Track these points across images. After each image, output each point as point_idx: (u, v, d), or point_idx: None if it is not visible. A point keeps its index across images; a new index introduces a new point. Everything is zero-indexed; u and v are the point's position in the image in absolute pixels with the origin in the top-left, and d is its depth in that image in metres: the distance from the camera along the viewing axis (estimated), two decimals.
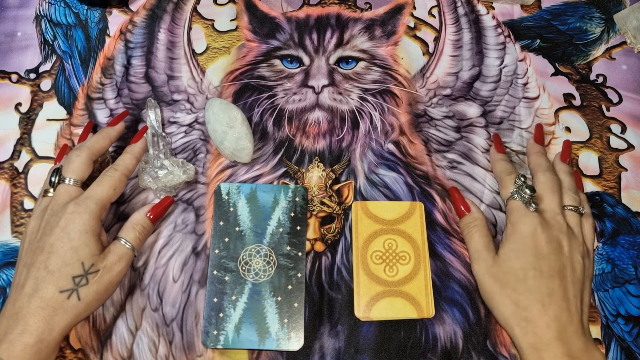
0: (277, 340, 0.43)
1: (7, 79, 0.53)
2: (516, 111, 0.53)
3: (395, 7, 0.58)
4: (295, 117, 0.52)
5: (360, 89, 0.53)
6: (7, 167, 0.49)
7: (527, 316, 0.39)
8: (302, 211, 0.47)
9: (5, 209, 0.48)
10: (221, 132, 0.46)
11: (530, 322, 0.39)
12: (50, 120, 0.51)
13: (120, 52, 0.55)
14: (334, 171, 0.49)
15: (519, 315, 0.39)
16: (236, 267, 0.45)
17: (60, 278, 0.37)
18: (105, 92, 0.53)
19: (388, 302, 0.44)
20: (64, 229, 0.38)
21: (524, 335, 0.39)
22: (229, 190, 0.48)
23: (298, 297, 0.44)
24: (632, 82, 0.54)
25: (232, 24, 0.56)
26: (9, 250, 0.46)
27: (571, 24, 0.57)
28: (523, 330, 0.39)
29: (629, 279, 0.46)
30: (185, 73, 0.54)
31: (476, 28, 0.57)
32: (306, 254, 0.46)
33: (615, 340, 0.44)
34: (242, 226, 0.46)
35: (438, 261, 0.46)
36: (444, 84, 0.54)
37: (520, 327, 0.39)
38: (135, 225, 0.41)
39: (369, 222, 0.47)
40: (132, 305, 0.44)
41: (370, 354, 0.43)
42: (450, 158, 0.50)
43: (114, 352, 0.43)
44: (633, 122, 0.53)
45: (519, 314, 0.39)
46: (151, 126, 0.49)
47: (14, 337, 0.35)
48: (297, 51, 0.54)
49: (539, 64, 0.55)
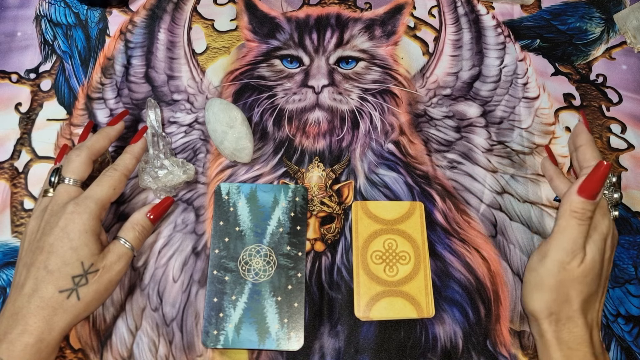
0: (277, 340, 0.43)
1: (7, 79, 0.53)
2: (516, 111, 0.53)
3: (395, 7, 0.58)
4: (295, 117, 0.52)
5: (360, 89, 0.53)
6: (7, 167, 0.49)
7: (571, 315, 0.38)
8: (302, 211, 0.47)
9: (5, 209, 0.48)
10: (221, 132, 0.46)
11: (571, 319, 0.38)
12: (50, 120, 0.51)
13: (120, 52, 0.55)
14: (334, 171, 0.49)
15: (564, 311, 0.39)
16: (236, 267, 0.45)
17: (60, 278, 0.37)
18: (105, 92, 0.53)
19: (388, 302, 0.44)
20: (63, 228, 0.38)
21: (559, 332, 0.38)
22: (229, 190, 0.48)
23: (298, 297, 0.44)
24: (632, 82, 0.54)
25: (232, 24, 0.56)
26: (9, 250, 0.46)
27: (571, 24, 0.57)
28: (561, 326, 0.39)
29: (629, 279, 0.46)
30: (185, 73, 0.54)
31: (476, 28, 0.57)
32: (306, 254, 0.46)
33: (615, 340, 0.44)
34: (242, 226, 0.46)
35: (438, 261, 0.46)
36: (444, 84, 0.54)
37: (560, 322, 0.39)
38: (135, 225, 0.41)
39: (369, 222, 0.47)
40: (132, 305, 0.44)
41: (370, 354, 0.43)
42: (450, 158, 0.50)
43: (114, 352, 0.43)
44: (633, 122, 0.53)
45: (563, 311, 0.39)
46: (151, 126, 0.49)
47: (13, 337, 0.35)
48: (297, 51, 0.54)
49: (539, 64, 0.55)
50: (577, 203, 0.38)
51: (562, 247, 0.38)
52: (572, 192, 0.39)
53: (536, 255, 0.40)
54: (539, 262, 0.40)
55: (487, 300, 0.45)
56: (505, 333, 0.44)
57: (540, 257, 0.40)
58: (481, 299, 0.45)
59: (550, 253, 0.39)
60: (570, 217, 0.38)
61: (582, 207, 0.38)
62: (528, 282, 0.41)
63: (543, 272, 0.39)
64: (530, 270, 0.41)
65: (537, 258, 0.40)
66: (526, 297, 0.41)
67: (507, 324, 0.44)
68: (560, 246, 0.38)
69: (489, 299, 0.45)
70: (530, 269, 0.41)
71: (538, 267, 0.40)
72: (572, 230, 0.38)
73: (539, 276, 0.39)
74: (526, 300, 0.41)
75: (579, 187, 0.38)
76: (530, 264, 0.41)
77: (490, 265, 0.46)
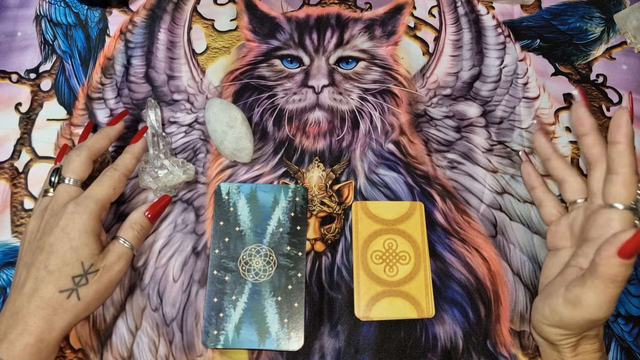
0: (277, 340, 0.43)
1: (7, 79, 0.53)
2: (516, 111, 0.53)
3: (395, 7, 0.58)
4: (295, 117, 0.52)
5: (361, 89, 0.53)
6: (7, 167, 0.49)
7: (587, 335, 0.37)
8: (302, 211, 0.47)
9: (5, 209, 0.48)
10: (221, 132, 0.46)
11: (586, 338, 0.37)
12: (50, 120, 0.51)
13: (120, 52, 0.55)
14: (334, 171, 0.49)
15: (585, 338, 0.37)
16: (236, 267, 0.45)
17: (60, 278, 0.36)
18: (105, 92, 0.53)
19: (388, 302, 0.44)
20: (63, 228, 0.38)
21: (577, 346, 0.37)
22: (229, 190, 0.48)
23: (298, 297, 0.44)
24: (632, 82, 0.54)
25: (232, 24, 0.56)
26: (9, 250, 0.46)
27: (571, 24, 0.57)
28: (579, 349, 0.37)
29: (629, 278, 0.46)
30: (185, 73, 0.54)
31: (476, 28, 0.57)
32: (306, 254, 0.46)
33: (615, 340, 0.44)
34: (242, 226, 0.46)
35: (438, 261, 0.46)
36: (444, 84, 0.54)
37: (579, 346, 0.37)
38: (134, 225, 0.41)
39: (369, 222, 0.47)
40: (132, 305, 0.44)
41: (370, 354, 0.43)
42: (451, 158, 0.50)
43: (114, 352, 0.43)
44: (633, 122, 0.52)
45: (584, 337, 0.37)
46: (151, 126, 0.49)
47: (13, 337, 0.35)
48: (297, 51, 0.54)
49: (539, 64, 0.55)
50: (618, 267, 0.32)
51: (599, 309, 0.33)
52: (610, 254, 0.32)
53: (562, 299, 0.35)
54: (568, 311, 0.35)
55: (487, 300, 0.45)
56: (505, 333, 0.44)
57: (569, 307, 0.35)
58: (481, 299, 0.45)
59: (584, 311, 0.34)
60: (610, 282, 0.33)
61: (623, 270, 0.32)
62: (547, 318, 0.37)
63: (571, 322, 0.35)
64: (553, 312, 0.36)
65: (564, 305, 0.35)
66: (544, 329, 0.38)
67: (507, 324, 0.44)
68: (597, 307, 0.33)
69: (489, 299, 0.45)
70: (552, 309, 0.36)
71: (564, 314, 0.35)
72: (610, 293, 0.33)
73: (563, 321, 0.35)
74: (544, 332, 0.38)
75: (622, 249, 0.31)
76: (554, 305, 0.36)
77: (491, 265, 0.46)
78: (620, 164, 0.35)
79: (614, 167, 0.35)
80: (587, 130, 0.38)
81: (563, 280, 0.36)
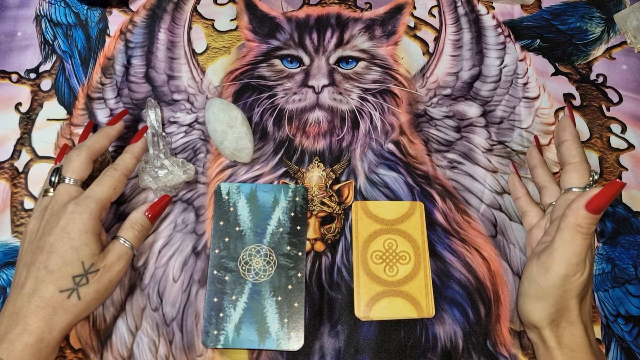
0: (277, 340, 0.43)
1: (7, 79, 0.53)
2: (516, 111, 0.53)
3: (395, 7, 0.58)
4: (295, 117, 0.52)
5: (361, 89, 0.53)
6: (7, 167, 0.49)
7: (572, 320, 0.39)
8: (302, 211, 0.47)
9: (5, 208, 0.48)
10: (221, 132, 0.46)
11: (571, 324, 0.39)
12: (51, 120, 0.51)
13: (121, 52, 0.55)
14: (334, 171, 0.49)
15: (564, 317, 0.39)
16: (236, 267, 0.45)
17: (60, 278, 0.37)
18: (106, 92, 0.53)
19: (388, 302, 0.44)
20: (64, 228, 0.38)
21: (560, 336, 0.39)
22: (229, 190, 0.48)
23: (298, 297, 0.44)
24: (632, 82, 0.54)
25: (232, 24, 0.56)
26: (9, 250, 0.46)
27: (571, 24, 0.57)
28: (562, 331, 0.39)
29: (629, 278, 0.46)
30: (185, 73, 0.54)
31: (476, 28, 0.57)
32: (306, 253, 0.46)
33: (615, 340, 0.44)
34: (242, 226, 0.46)
35: (438, 261, 0.46)
36: (444, 84, 0.54)
37: (560, 327, 0.39)
38: (134, 224, 0.41)
39: (369, 222, 0.47)
40: (132, 305, 0.44)
41: (370, 354, 0.43)
42: (451, 158, 0.50)
43: (114, 352, 0.43)
44: (633, 122, 0.53)
45: (564, 317, 0.39)
46: (151, 126, 0.49)
47: (13, 336, 0.35)
48: (297, 51, 0.54)
49: (539, 64, 0.55)
50: (584, 218, 0.37)
51: (568, 261, 0.37)
52: (579, 206, 0.37)
53: (536, 266, 0.39)
54: (542, 274, 0.39)
55: (487, 300, 0.45)
56: (505, 333, 0.44)
57: (542, 270, 0.39)
58: (481, 299, 0.45)
59: (555, 267, 0.38)
60: (576, 232, 0.37)
61: (588, 222, 0.37)
62: (527, 293, 0.40)
63: (546, 284, 0.38)
64: (531, 282, 0.40)
65: (537, 270, 0.39)
66: (526, 307, 0.40)
67: (507, 324, 0.44)
68: (566, 260, 0.38)
69: (489, 299, 0.45)
70: (530, 280, 0.40)
71: (540, 279, 0.39)
72: (577, 245, 0.37)
73: (540, 288, 0.39)
74: (526, 311, 0.40)
75: (589, 202, 0.37)
76: (530, 274, 0.40)
77: (491, 265, 0.46)
78: (570, 155, 0.43)
79: (566, 159, 0.43)
80: (567, 137, 0.44)
81: (534, 255, 0.41)
